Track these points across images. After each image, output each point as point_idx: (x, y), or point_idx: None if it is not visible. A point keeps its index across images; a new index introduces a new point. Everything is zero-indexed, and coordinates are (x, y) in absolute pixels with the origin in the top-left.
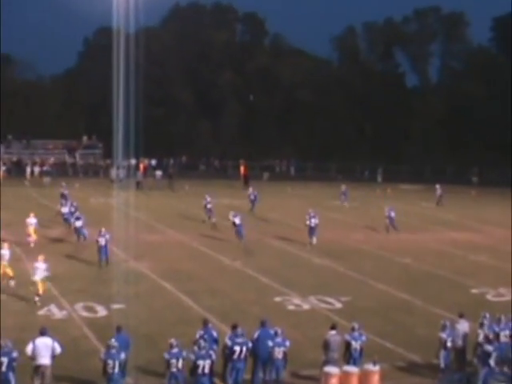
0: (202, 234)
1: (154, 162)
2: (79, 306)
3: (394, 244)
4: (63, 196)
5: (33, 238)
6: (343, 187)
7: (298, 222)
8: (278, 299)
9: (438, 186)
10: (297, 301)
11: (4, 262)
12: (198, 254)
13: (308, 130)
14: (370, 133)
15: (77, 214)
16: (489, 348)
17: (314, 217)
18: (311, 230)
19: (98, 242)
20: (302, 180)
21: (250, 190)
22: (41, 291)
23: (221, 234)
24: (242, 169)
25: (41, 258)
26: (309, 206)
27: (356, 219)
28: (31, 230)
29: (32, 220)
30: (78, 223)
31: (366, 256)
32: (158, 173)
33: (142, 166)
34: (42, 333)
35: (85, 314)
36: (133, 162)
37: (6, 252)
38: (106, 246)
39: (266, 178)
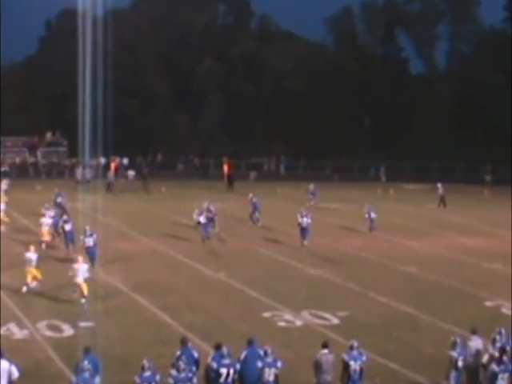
0: (181, 241)
1: (125, 160)
2: (42, 324)
3: (396, 251)
4: (58, 205)
5: (46, 238)
6: (311, 187)
7: (289, 227)
8: (266, 315)
9: (439, 185)
10: (288, 316)
11: (31, 267)
12: (177, 264)
13: (300, 124)
14: (370, 126)
15: (65, 217)
16: (495, 369)
17: (306, 216)
18: (303, 231)
19: (84, 242)
20: (293, 180)
21: (250, 195)
22: (86, 293)
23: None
24: (225, 168)
25: (81, 258)
26: (301, 208)
27: (354, 223)
28: (45, 230)
29: (48, 220)
30: (68, 226)
31: (366, 265)
32: (131, 173)
33: (112, 166)
34: None
35: (49, 333)
36: (102, 160)
37: (32, 255)
38: (94, 246)
39: (253, 177)
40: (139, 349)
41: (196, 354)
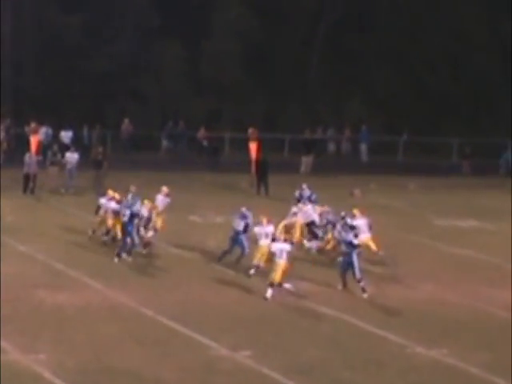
0: (165, 289)
1: (67, 134)
2: None
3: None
4: None
5: None
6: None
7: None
8: None
9: None
10: None
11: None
12: (159, 331)
13: (399, 65)
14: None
15: None
16: None
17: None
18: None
19: None
20: (385, 172)
21: (343, 214)
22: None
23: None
24: (252, 147)
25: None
26: (405, 230)
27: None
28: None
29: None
30: None
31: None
32: (72, 156)
33: (33, 142)
34: None
35: None
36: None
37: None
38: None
39: (307, 167)
40: None
41: None
